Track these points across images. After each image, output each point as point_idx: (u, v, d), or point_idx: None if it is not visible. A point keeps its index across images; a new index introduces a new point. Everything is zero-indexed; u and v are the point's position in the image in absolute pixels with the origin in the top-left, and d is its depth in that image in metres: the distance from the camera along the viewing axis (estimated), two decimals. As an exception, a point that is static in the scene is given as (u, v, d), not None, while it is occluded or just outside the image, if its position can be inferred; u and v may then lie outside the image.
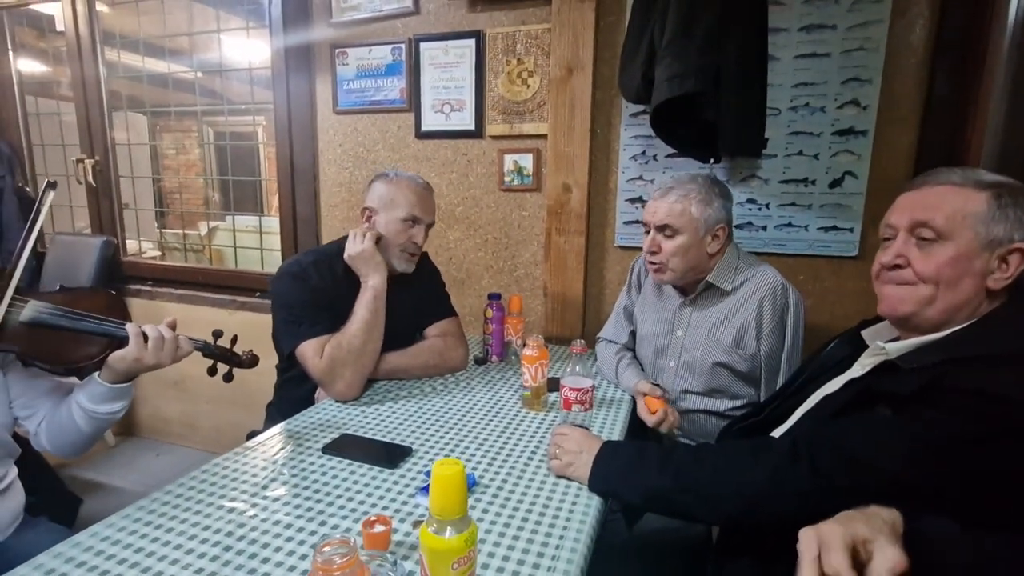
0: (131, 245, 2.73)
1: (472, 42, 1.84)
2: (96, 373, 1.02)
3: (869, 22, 1.48)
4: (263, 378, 1.40)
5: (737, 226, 1.64)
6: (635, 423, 1.31)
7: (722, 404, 1.36)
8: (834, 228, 1.59)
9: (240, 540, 0.79)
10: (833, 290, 1.64)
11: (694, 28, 1.37)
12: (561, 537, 0.82)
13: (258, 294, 2.36)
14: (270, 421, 1.54)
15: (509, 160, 1.87)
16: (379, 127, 2.03)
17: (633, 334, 1.58)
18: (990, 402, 0.67)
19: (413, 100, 1.95)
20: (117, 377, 1.02)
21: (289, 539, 0.80)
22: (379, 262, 1.38)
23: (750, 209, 1.65)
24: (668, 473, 0.86)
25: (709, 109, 1.44)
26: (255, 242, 2.54)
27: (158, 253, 3.00)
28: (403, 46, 1.93)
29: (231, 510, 0.87)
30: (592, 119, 1.74)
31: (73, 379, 1.16)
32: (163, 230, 3.06)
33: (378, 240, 1.40)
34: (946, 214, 0.79)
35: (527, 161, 1.85)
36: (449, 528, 0.60)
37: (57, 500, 1.31)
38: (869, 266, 1.55)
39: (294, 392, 1.46)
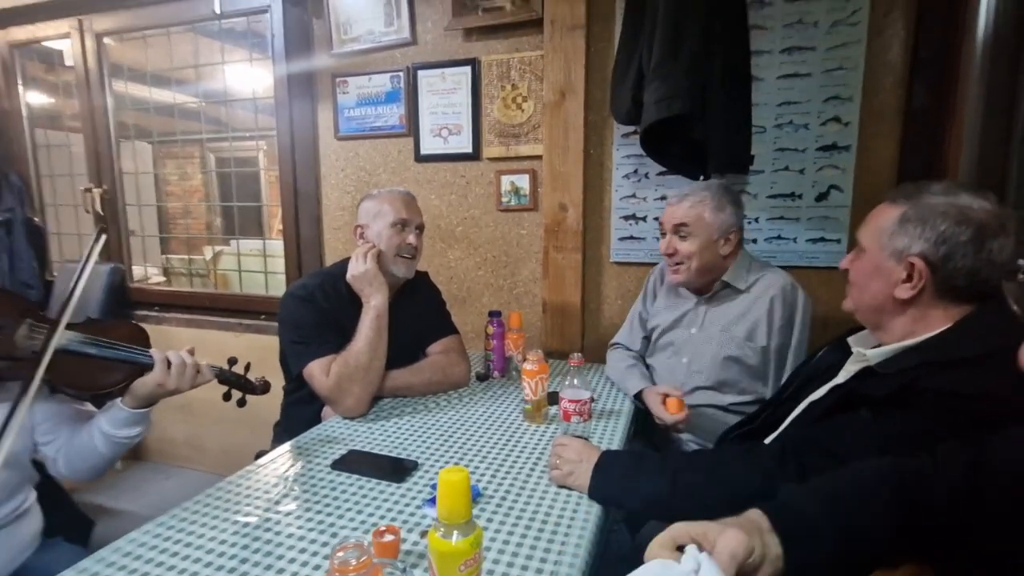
0: (137, 272, 2.79)
1: (468, 69, 1.91)
2: (119, 399, 1.06)
3: (847, 43, 1.55)
4: (270, 399, 1.44)
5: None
6: (635, 431, 1.35)
7: (728, 398, 1.40)
8: (822, 240, 1.64)
9: (256, 552, 0.83)
10: (823, 300, 1.67)
11: (680, 52, 1.43)
12: (563, 544, 0.86)
13: (263, 317, 2.41)
14: (277, 441, 1.57)
15: (506, 181, 1.93)
16: (380, 152, 2.10)
17: (646, 339, 1.63)
18: (959, 400, 0.72)
19: (412, 125, 2.02)
20: (139, 402, 1.07)
21: (303, 551, 0.83)
22: (381, 282, 1.43)
23: (741, 223, 1.71)
24: (665, 479, 0.90)
25: (697, 128, 1.50)
26: (259, 265, 2.60)
27: (163, 279, 3.05)
28: (402, 74, 2.00)
29: (246, 524, 0.90)
30: (585, 140, 1.80)
31: (89, 407, 1.20)
32: (168, 256, 3.11)
33: (378, 259, 1.45)
34: (867, 229, 0.91)
35: (524, 182, 1.91)
36: (456, 532, 0.63)
37: (72, 522, 1.34)
38: (857, 276, 1.64)
39: (301, 412, 1.49)
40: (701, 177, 1.67)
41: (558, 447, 1.05)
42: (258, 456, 1.57)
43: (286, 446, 1.20)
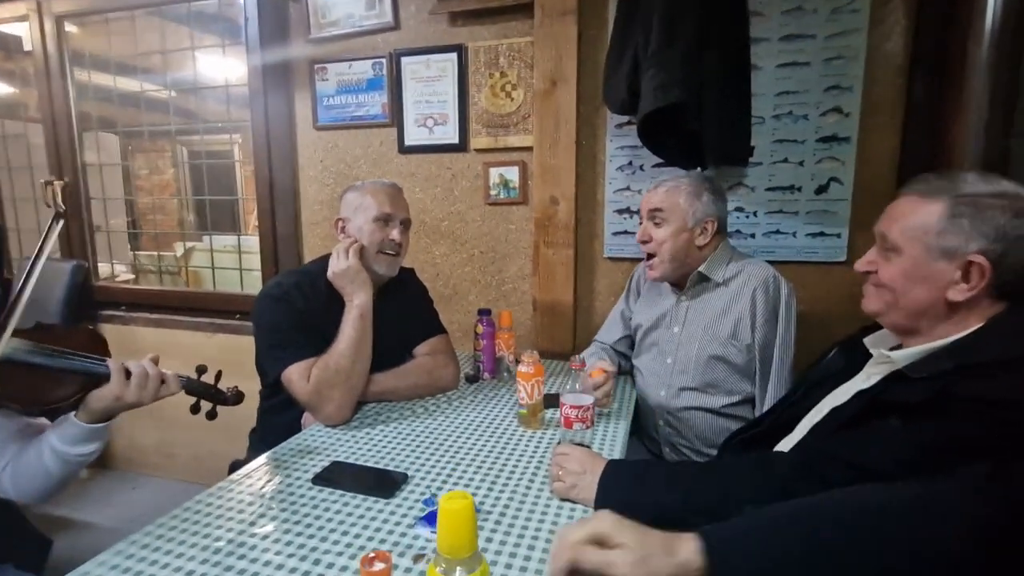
0: (103, 269, 2.64)
1: (454, 56, 1.82)
2: (72, 413, 0.96)
3: (847, 31, 1.50)
4: (245, 404, 1.35)
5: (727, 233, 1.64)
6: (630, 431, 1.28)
7: (718, 400, 1.36)
8: (821, 234, 1.60)
9: (227, 584, 0.74)
10: (822, 296, 1.64)
11: (677, 39, 1.37)
12: (569, 565, 0.79)
13: (238, 316, 2.29)
14: (253, 450, 1.47)
15: (495, 173, 1.85)
16: (361, 143, 2.00)
17: (627, 339, 1.58)
18: (997, 407, 0.67)
19: (395, 115, 1.92)
20: (94, 417, 0.96)
21: (281, 581, 0.75)
22: (364, 279, 1.34)
23: (738, 217, 1.65)
24: (676, 492, 0.83)
25: (693, 119, 1.44)
26: (233, 262, 2.47)
27: (131, 276, 2.90)
28: (384, 61, 1.90)
29: (216, 551, 0.81)
30: (577, 131, 1.73)
31: (43, 420, 1.10)
32: (137, 252, 2.96)
33: (360, 255, 1.36)
34: (900, 227, 0.82)
35: (513, 174, 1.83)
36: (459, 568, 0.56)
37: (24, 544, 1.23)
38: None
39: (279, 419, 1.40)
40: (699, 170, 1.62)
41: (559, 457, 0.98)
42: (232, 467, 1.48)
43: (262, 458, 1.11)
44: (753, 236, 1.65)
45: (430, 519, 0.86)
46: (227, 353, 2.24)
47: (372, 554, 0.73)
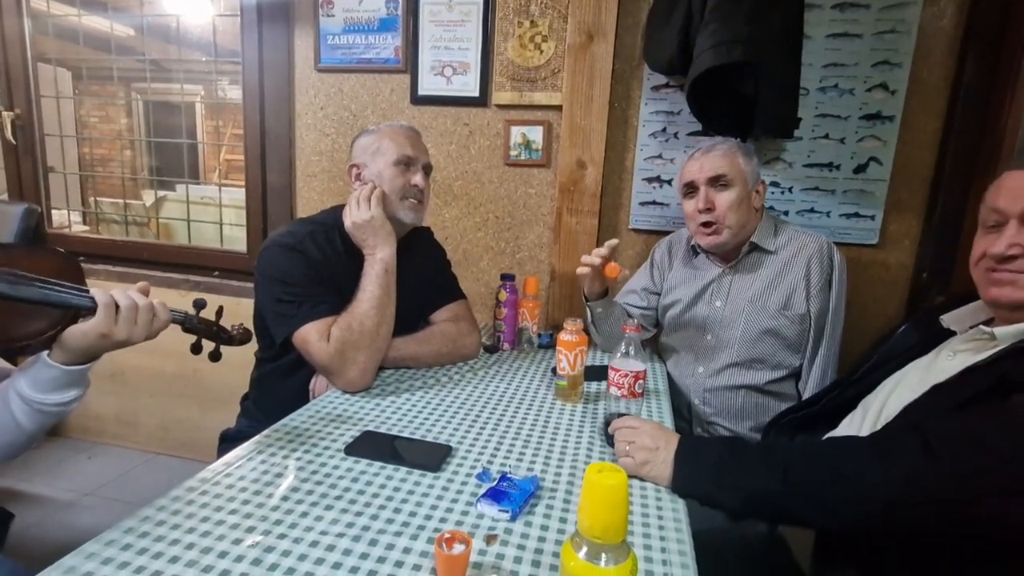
0: (57, 217, 2.37)
1: (480, -1, 1.67)
2: (44, 352, 0.79)
3: (902, 4, 1.44)
4: (218, 368, 1.16)
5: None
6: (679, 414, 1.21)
7: (762, 376, 1.31)
8: (856, 215, 1.56)
9: (273, 570, 0.62)
10: (849, 278, 1.60)
11: (741, -7, 1.28)
12: (663, 541, 0.70)
13: (216, 273, 2.09)
14: (248, 418, 1.33)
15: (516, 132, 1.72)
16: (368, 89, 1.82)
17: (651, 311, 1.51)
18: None
19: (410, 60, 1.76)
20: (73, 357, 0.79)
21: (337, 565, 0.63)
22: (389, 231, 1.21)
23: (772, 192, 1.59)
24: (775, 473, 0.76)
25: (748, 82, 1.36)
26: (205, 215, 2.25)
27: (85, 227, 2.62)
28: (400, -1, 1.73)
29: (250, 528, 0.68)
30: (611, 91, 1.62)
31: (2, 363, 0.93)
32: (97, 198, 2.68)
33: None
34: None
35: (536, 134, 1.71)
36: (605, 555, 0.46)
37: (-18, 517, 1.06)
38: (888, 255, 1.57)
39: (280, 384, 1.26)
40: (739, 140, 1.54)
41: (626, 431, 0.89)
42: (223, 436, 1.33)
43: (277, 427, 0.97)
44: (787, 213, 1.59)
45: (495, 496, 0.75)
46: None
47: (448, 535, 0.63)
